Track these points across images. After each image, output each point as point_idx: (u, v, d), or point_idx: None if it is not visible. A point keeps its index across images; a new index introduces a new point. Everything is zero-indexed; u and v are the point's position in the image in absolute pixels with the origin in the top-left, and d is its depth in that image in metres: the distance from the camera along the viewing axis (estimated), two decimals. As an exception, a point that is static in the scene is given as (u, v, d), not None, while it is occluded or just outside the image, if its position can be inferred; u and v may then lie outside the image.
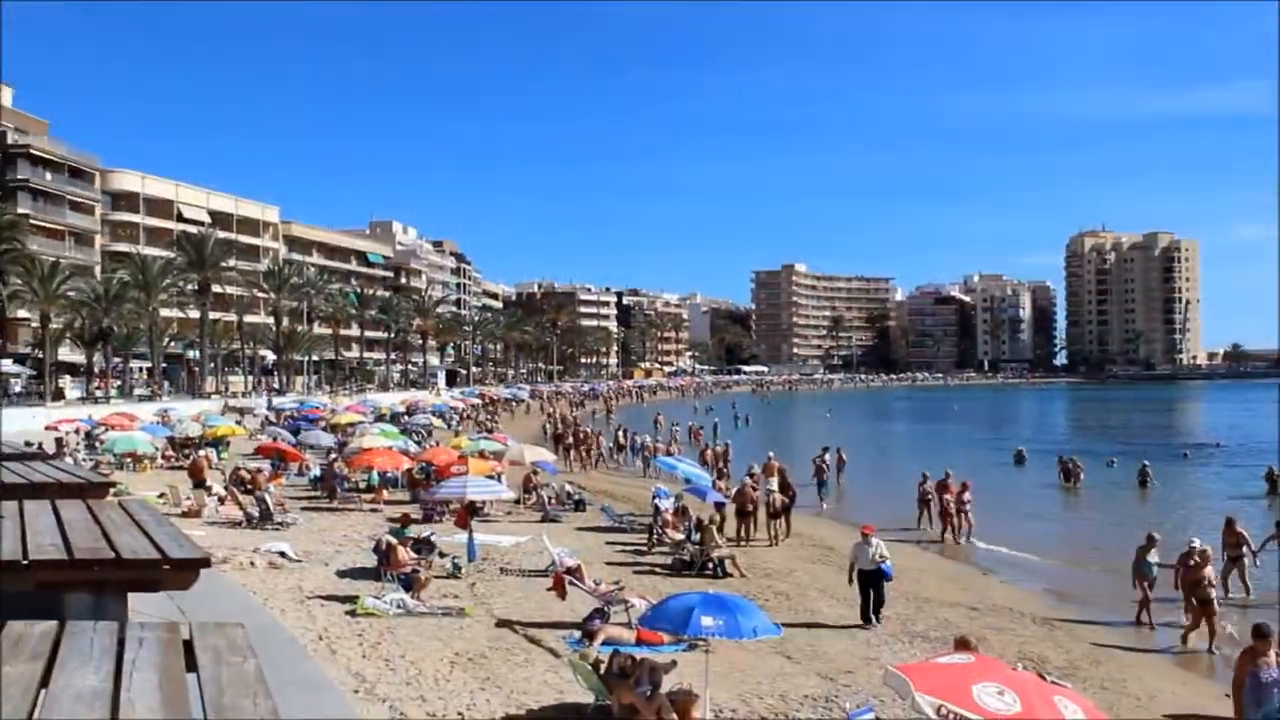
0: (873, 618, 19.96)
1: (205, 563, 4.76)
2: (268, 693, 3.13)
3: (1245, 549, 24.81)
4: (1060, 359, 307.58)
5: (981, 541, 32.74)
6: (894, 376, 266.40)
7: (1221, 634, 19.83)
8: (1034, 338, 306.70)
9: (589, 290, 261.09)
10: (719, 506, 29.37)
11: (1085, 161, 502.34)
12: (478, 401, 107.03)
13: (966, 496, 32.88)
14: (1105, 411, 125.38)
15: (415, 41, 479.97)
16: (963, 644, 13.21)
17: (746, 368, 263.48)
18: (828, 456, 47.74)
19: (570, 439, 57.22)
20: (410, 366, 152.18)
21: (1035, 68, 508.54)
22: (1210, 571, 20.41)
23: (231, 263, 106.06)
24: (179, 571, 4.75)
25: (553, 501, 34.40)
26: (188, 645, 3.62)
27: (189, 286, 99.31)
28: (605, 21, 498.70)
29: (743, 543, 29.32)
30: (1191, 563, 20.40)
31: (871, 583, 20.21)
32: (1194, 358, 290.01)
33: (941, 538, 32.62)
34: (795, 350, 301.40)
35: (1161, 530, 25.17)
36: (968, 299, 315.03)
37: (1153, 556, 21.75)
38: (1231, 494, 44.99)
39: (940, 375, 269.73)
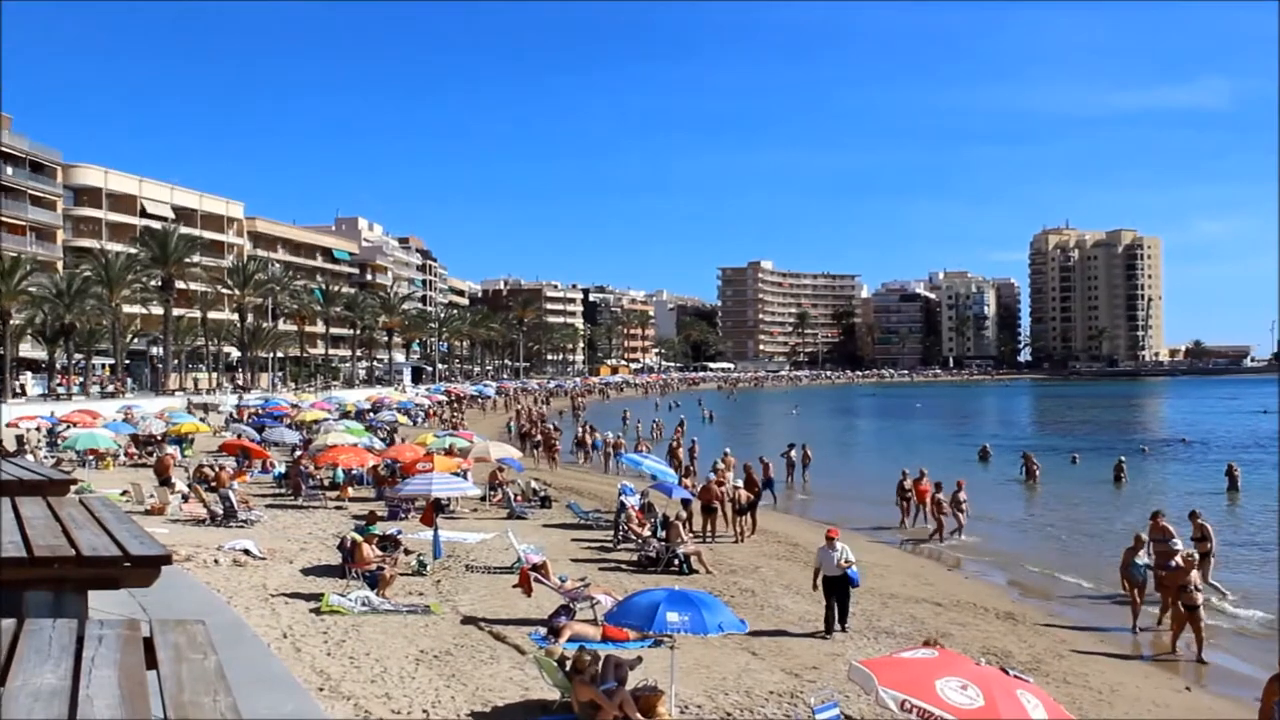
0: (837, 627, 18.97)
1: (166, 560, 4.74)
2: (228, 690, 3.12)
3: (1209, 545, 24.71)
4: (1024, 355, 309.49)
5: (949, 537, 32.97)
6: (860, 373, 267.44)
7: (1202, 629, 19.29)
8: (998, 334, 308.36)
9: (555, 287, 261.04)
10: (685, 503, 29.44)
11: (1049, 159, 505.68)
12: (444, 398, 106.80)
13: (962, 496, 32.69)
14: (1068, 408, 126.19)
15: (381, 38, 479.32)
16: (929, 645, 13.28)
17: (713, 365, 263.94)
18: (793, 453, 48.00)
19: (538, 436, 57.20)
20: (376, 363, 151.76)
21: (1000, 65, 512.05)
22: (1196, 576, 19.72)
23: (196, 259, 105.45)
24: (140, 569, 4.72)
25: (519, 498, 34.33)
26: (148, 642, 3.61)
27: (152, 282, 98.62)
28: (573, 18, 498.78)
29: (708, 539, 29.36)
30: (1174, 564, 20.07)
31: (837, 590, 19.16)
32: (1156, 354, 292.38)
33: (931, 537, 32.38)
34: (761, 347, 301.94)
35: (1126, 525, 25.49)
36: (933, 296, 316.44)
37: (1141, 558, 21.50)
38: (1194, 490, 45.42)
39: (906, 372, 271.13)
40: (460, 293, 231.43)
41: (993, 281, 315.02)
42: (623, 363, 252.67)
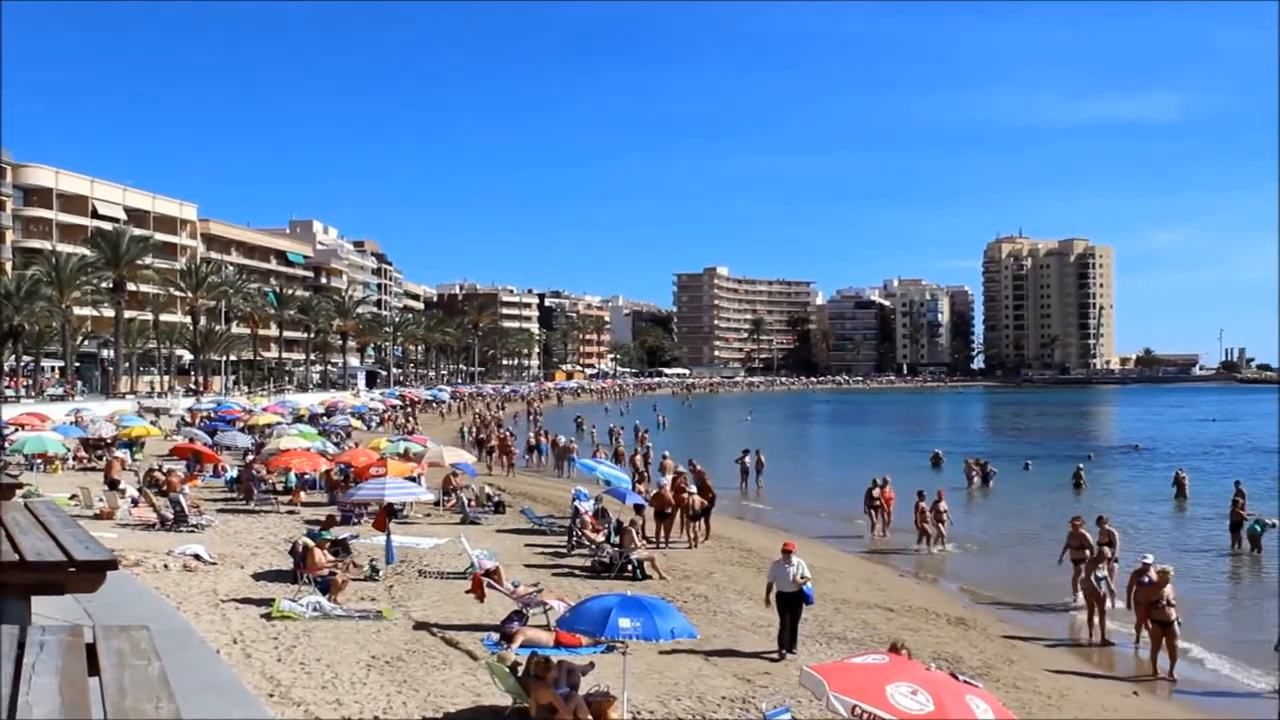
0: (788, 646, 17.91)
1: (112, 565, 4.70)
2: (171, 696, 3.10)
3: (1109, 550, 24.51)
4: (978, 363, 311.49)
5: (898, 542, 33.17)
6: (815, 380, 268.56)
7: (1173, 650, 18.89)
8: (952, 342, 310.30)
9: (511, 292, 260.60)
10: (638, 509, 29.46)
11: (1004, 168, 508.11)
12: (398, 403, 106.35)
13: (943, 506, 32.59)
14: (1021, 415, 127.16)
15: (336, 40, 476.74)
16: (894, 649, 13.33)
17: (668, 370, 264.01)
18: (747, 459, 48.12)
19: (493, 441, 57.14)
20: (330, 367, 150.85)
21: (955, 75, 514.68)
22: (1170, 591, 19.06)
23: (148, 260, 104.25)
24: (85, 574, 4.68)
25: (472, 503, 34.25)
26: (91, 649, 3.58)
27: (104, 284, 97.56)
28: (531, 22, 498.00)
29: (662, 545, 29.40)
30: (1146, 579, 19.81)
31: (790, 607, 18.18)
32: (1107, 362, 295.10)
33: (919, 543, 32.20)
34: (717, 353, 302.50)
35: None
36: (887, 303, 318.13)
37: (1101, 570, 21.53)
38: (1145, 496, 45.93)
39: (860, 378, 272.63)
40: (415, 296, 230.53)
41: (947, 289, 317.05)
42: (578, 368, 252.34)
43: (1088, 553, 24.26)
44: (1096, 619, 21.26)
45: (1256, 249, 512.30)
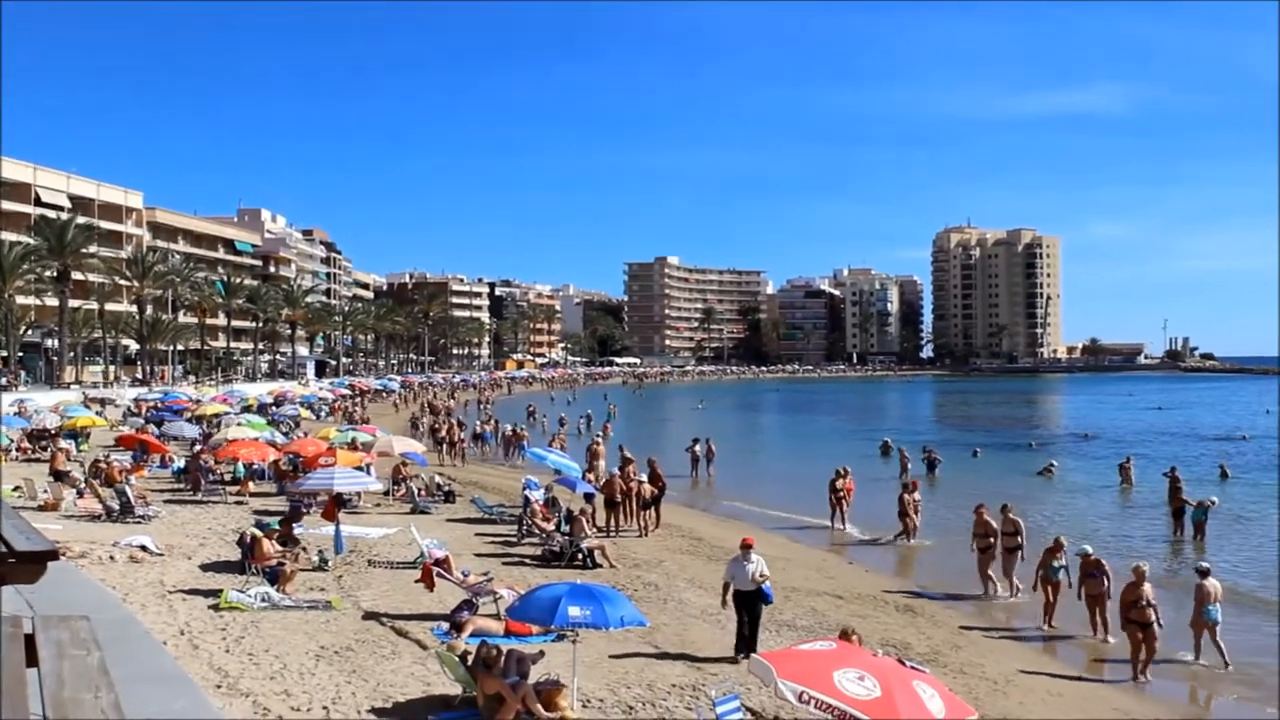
0: (747, 649, 16.59)
1: (53, 556, 4.63)
2: (111, 686, 3.07)
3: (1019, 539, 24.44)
4: (927, 352, 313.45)
5: (854, 528, 33.32)
6: (765, 369, 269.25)
7: (1148, 653, 18.19)
8: (901, 331, 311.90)
9: (461, 281, 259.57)
10: (589, 497, 29.48)
11: (953, 159, 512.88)
12: (347, 392, 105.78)
13: (916, 496, 31.83)
14: (969, 404, 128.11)
15: (284, 27, 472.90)
16: (845, 635, 13.40)
17: (619, 360, 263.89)
18: (697, 448, 48.23)
19: (444, 431, 57.00)
20: (279, 357, 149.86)
21: (905, 67, 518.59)
22: (1149, 590, 18.35)
23: (93, 249, 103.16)
24: (26, 565, 4.61)
25: (422, 493, 34.15)
26: (29, 639, 3.54)
27: (47, 273, 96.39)
28: (481, 14, 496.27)
29: (612, 533, 29.45)
30: (1096, 573, 20.07)
31: (749, 606, 17.27)
32: (1054, 351, 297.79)
33: (901, 537, 31.40)
34: (667, 342, 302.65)
35: (1028, 520, 25.94)
36: (837, 292, 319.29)
37: (1059, 560, 21.30)
38: (1091, 484, 46.43)
39: (810, 367, 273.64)
40: (365, 286, 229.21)
41: (896, 279, 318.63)
42: (529, 357, 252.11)
43: (992, 540, 24.33)
44: (1052, 608, 21.22)
45: (1200, 241, 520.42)
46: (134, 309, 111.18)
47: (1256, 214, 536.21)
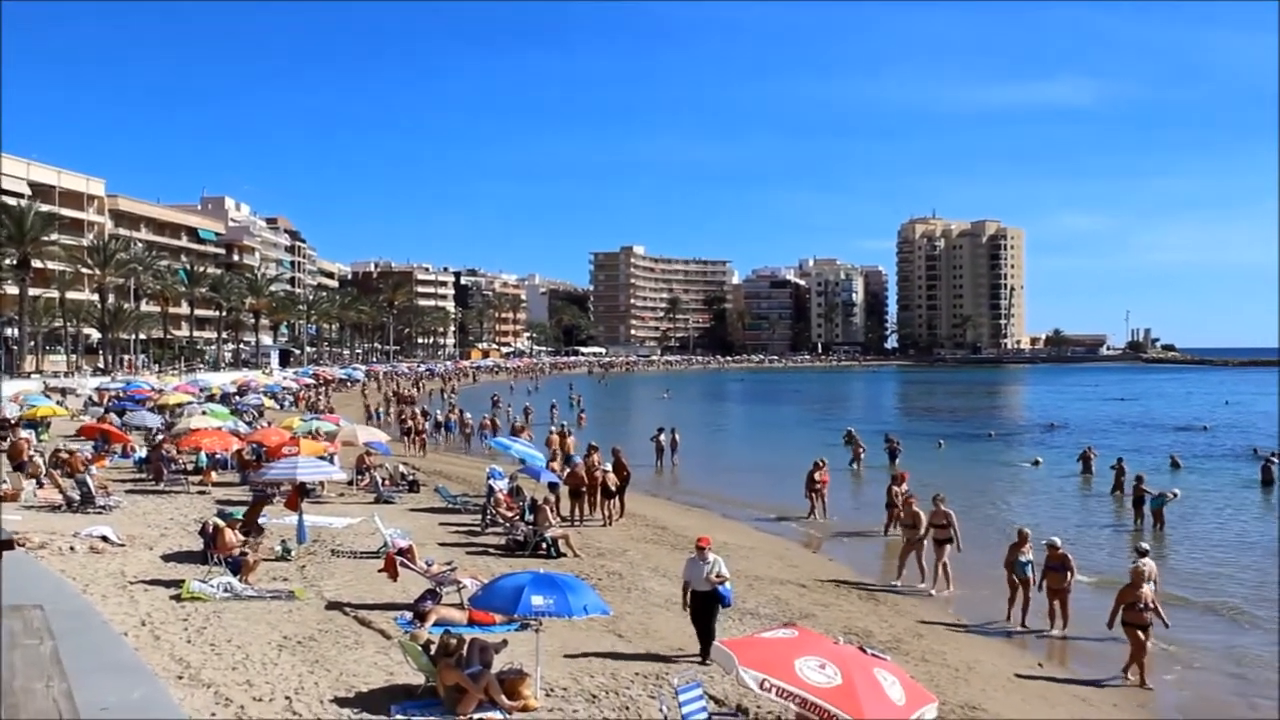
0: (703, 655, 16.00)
1: (9, 545, 4.64)
2: (63, 675, 3.07)
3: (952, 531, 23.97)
4: (892, 342, 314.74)
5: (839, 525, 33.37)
6: (730, 358, 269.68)
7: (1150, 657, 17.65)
8: (866, 321, 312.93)
9: (427, 270, 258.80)
10: (553, 487, 29.46)
11: (918, 150, 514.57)
12: (312, 381, 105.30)
13: (904, 488, 30.63)
14: (933, 394, 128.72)
15: (247, 13, 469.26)
16: (788, 626, 13.44)
17: (584, 349, 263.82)
18: (662, 437, 48.30)
19: (409, 421, 56.85)
20: (242, 346, 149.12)
21: (872, 59, 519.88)
22: (1149, 591, 17.72)
23: (53, 237, 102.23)
24: (-19, 554, 4.61)
25: (386, 483, 34.06)
26: (-18, 629, 3.53)
27: (7, 261, 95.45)
28: (443, 3, 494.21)
29: (577, 523, 29.49)
30: (1059, 566, 19.88)
31: (705, 608, 16.50)
32: (1018, 342, 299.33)
33: (885, 531, 30.92)
34: (633, 332, 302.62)
35: (992, 510, 26.08)
36: (803, 283, 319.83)
37: (1025, 554, 20.84)
38: (1054, 474, 46.75)
39: (775, 357, 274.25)
40: (330, 274, 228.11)
41: (861, 269, 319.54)
42: (494, 346, 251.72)
43: (920, 531, 24.19)
44: (1019, 604, 20.98)
45: (1162, 234, 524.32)
46: (95, 298, 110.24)
47: (1217, 207, 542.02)
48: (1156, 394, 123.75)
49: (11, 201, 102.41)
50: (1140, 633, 17.35)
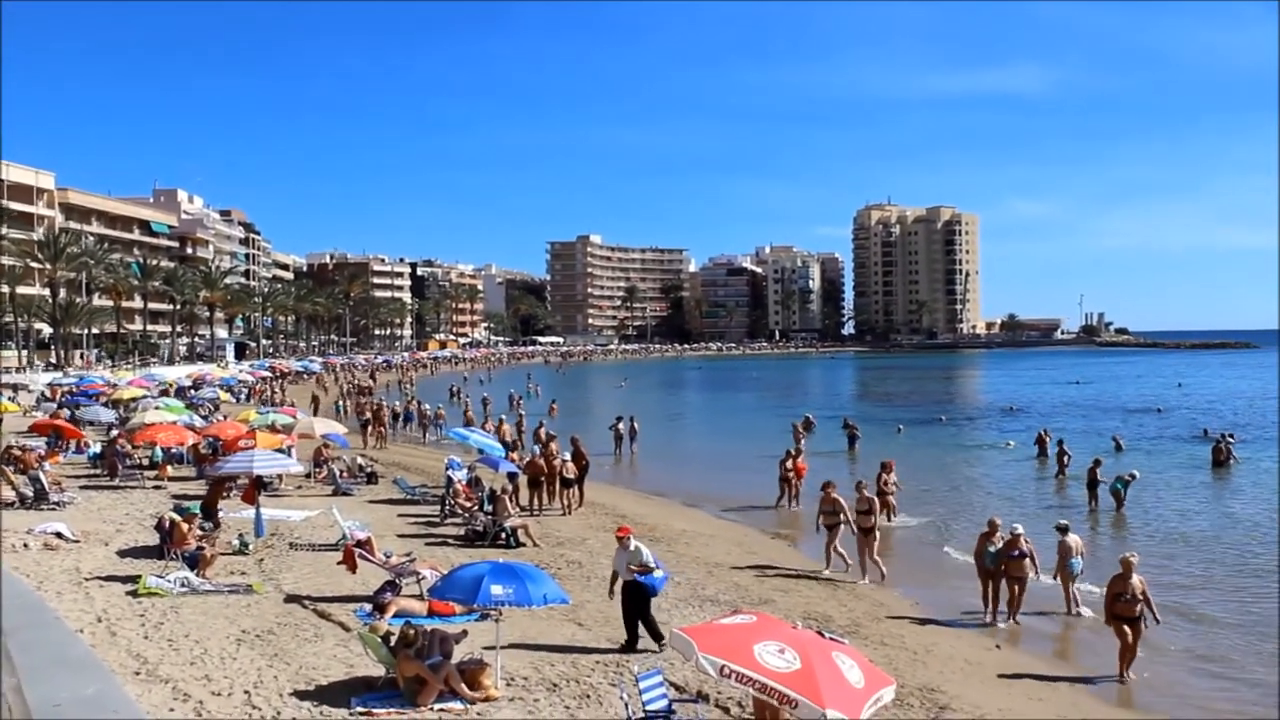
0: (644, 642, 16.03)
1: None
2: (14, 671, 3.05)
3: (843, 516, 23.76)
4: (848, 328, 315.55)
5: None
6: (688, 346, 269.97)
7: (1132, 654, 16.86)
8: (823, 308, 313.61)
9: (383, 261, 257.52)
10: (512, 477, 29.43)
11: (874, 137, 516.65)
12: (268, 374, 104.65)
13: (893, 478, 31.07)
14: (891, 380, 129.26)
15: (199, 6, 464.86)
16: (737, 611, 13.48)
17: (542, 339, 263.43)
18: (621, 426, 48.31)
19: (367, 413, 56.59)
20: (197, 339, 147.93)
21: (829, 47, 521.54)
22: (1137, 582, 16.83)
23: (3, 231, 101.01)
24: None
25: (344, 475, 33.92)
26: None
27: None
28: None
29: (536, 512, 29.50)
30: (1017, 554, 19.58)
31: (631, 597, 16.27)
32: (973, 327, 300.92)
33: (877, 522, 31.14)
34: (590, 321, 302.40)
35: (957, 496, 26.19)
36: (759, 270, 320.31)
37: (995, 544, 20.02)
38: (1010, 459, 47.10)
39: (733, 345, 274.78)
40: (285, 266, 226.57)
41: (818, 256, 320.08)
42: (452, 337, 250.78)
43: (841, 517, 23.68)
44: (991, 596, 20.10)
45: (1115, 218, 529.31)
46: (46, 292, 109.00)
47: (1167, 192, 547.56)
48: (1110, 377, 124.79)
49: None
50: (1127, 626, 16.58)
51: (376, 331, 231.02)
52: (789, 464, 33.80)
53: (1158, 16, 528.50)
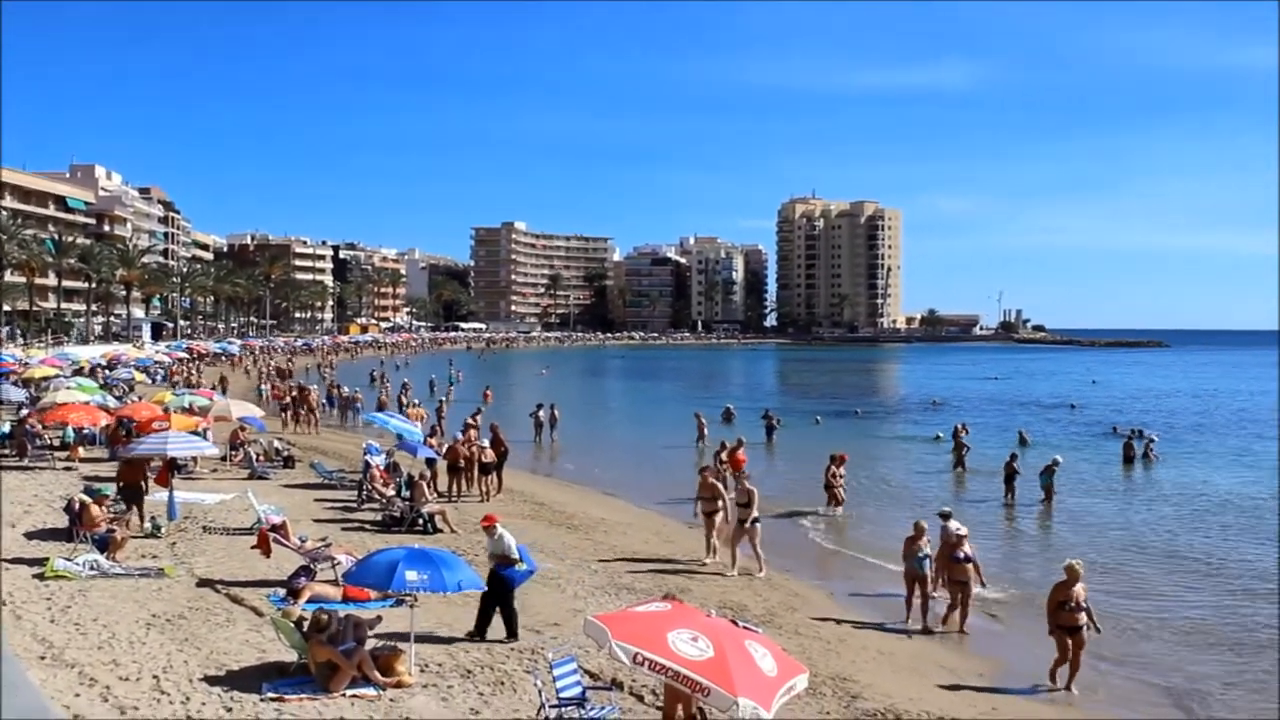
0: (494, 631, 15.73)
1: None
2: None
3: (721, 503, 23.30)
4: (771, 320, 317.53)
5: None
6: (611, 335, 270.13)
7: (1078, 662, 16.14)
8: (746, 299, 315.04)
9: (305, 243, 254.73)
10: (430, 463, 29.34)
11: (799, 131, 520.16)
12: (185, 356, 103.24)
13: (842, 471, 31.17)
14: (811, 372, 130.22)
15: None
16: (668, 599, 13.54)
17: (465, 325, 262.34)
18: (541, 413, 48.28)
19: (286, 396, 56.00)
20: (113, 319, 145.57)
21: (757, 39, 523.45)
22: (1080, 590, 16.04)
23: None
24: None
25: (260, 458, 33.61)
26: None
27: None
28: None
29: (454, 498, 29.43)
30: (959, 556, 18.84)
31: (494, 587, 15.72)
32: (894, 322, 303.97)
33: (830, 510, 30.71)
34: (514, 308, 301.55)
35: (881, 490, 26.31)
36: (684, 260, 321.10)
37: (923, 548, 19.06)
38: (928, 450, 47.63)
39: (656, 334, 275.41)
40: (205, 247, 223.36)
41: (742, 248, 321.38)
42: (373, 321, 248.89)
43: (719, 503, 23.32)
44: (917, 601, 19.13)
45: (1034, 216, 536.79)
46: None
47: (1084, 191, 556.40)
48: (1028, 373, 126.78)
49: None
50: (1069, 636, 15.90)
51: (297, 314, 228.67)
52: (724, 455, 33.24)
53: (1081, 15, 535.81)
